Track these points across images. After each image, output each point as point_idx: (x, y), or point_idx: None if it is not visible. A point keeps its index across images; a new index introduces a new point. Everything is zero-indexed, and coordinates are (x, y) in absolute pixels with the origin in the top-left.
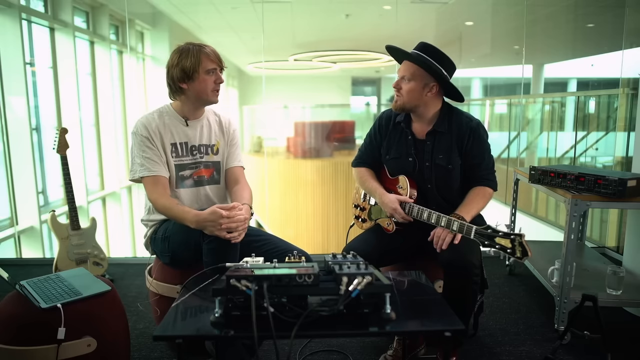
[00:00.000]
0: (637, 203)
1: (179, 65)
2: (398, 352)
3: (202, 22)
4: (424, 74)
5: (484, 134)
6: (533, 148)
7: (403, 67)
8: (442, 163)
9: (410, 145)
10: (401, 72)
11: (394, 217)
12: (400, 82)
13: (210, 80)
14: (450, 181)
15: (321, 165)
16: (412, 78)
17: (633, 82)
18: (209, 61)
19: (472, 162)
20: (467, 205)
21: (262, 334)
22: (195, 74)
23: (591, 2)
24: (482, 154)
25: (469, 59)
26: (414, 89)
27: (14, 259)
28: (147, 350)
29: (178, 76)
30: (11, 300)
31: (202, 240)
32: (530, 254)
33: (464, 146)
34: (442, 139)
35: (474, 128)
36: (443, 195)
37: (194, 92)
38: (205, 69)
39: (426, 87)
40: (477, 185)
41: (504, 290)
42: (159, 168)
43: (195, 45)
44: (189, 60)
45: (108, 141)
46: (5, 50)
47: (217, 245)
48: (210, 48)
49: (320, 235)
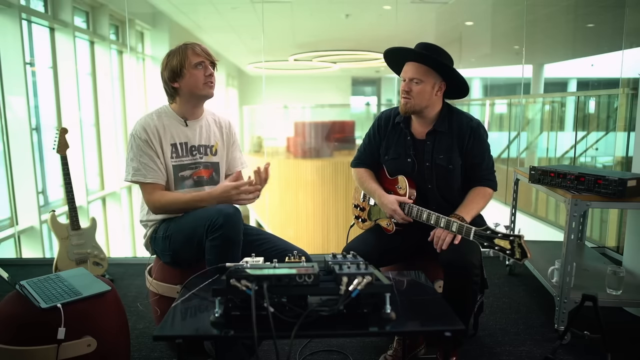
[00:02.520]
0: (637, 203)
1: (167, 66)
2: (398, 352)
3: (202, 22)
4: (434, 74)
5: (484, 134)
6: (533, 148)
7: (412, 69)
8: (442, 163)
9: (409, 145)
10: (410, 73)
11: (394, 218)
12: (410, 85)
13: (200, 73)
14: (451, 181)
15: (321, 165)
16: (424, 79)
17: (633, 82)
18: (194, 55)
19: (473, 161)
20: (467, 205)
21: (262, 334)
22: (184, 70)
23: (591, 2)
24: (483, 153)
25: (469, 59)
26: (425, 90)
27: (14, 259)
28: (147, 350)
29: (169, 77)
30: (11, 300)
31: (205, 237)
32: (529, 255)
33: (465, 146)
34: (443, 139)
35: (474, 128)
36: (443, 195)
37: (186, 89)
38: (192, 63)
39: (435, 87)
40: (477, 186)
41: (504, 290)
42: (154, 175)
43: (182, 44)
44: (175, 59)
45: (108, 141)
46: (5, 50)
47: (221, 242)
48: (197, 44)
49: (320, 235)
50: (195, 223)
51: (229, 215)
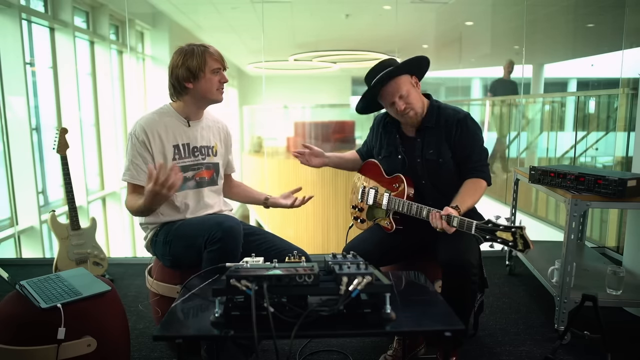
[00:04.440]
0: (637, 203)
1: (184, 65)
2: (398, 352)
3: (202, 22)
4: (402, 78)
5: (472, 126)
6: (533, 148)
7: (393, 88)
8: (432, 157)
9: (398, 143)
10: (395, 92)
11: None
12: (400, 103)
13: (215, 79)
14: (443, 175)
15: None
16: (402, 87)
17: (633, 82)
18: (213, 61)
19: (462, 153)
20: (460, 196)
21: (262, 334)
22: (201, 74)
23: (591, 2)
24: (472, 145)
25: (469, 59)
26: (411, 94)
27: (14, 259)
28: (147, 350)
29: (184, 76)
30: (11, 300)
31: (203, 248)
32: (532, 246)
33: (453, 138)
34: (431, 134)
35: (461, 119)
36: (439, 190)
37: (199, 92)
38: (211, 68)
39: (413, 85)
40: (469, 178)
41: (504, 290)
42: (141, 177)
43: (199, 46)
44: (195, 60)
45: (108, 141)
46: (5, 50)
47: (219, 255)
48: (213, 48)
49: (320, 235)
50: (195, 232)
51: (229, 229)
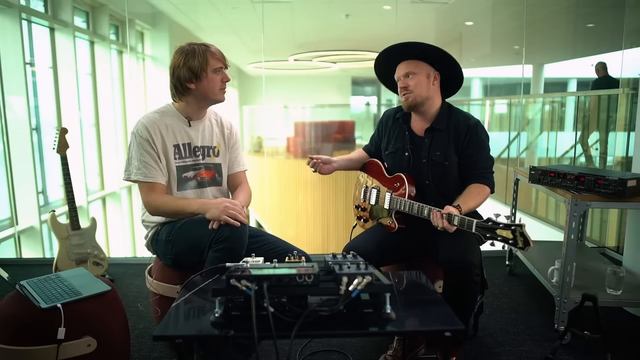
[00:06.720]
0: (637, 203)
1: (186, 65)
2: (398, 352)
3: (202, 22)
4: (424, 64)
5: (481, 133)
6: (533, 148)
7: (402, 67)
8: (438, 160)
9: (407, 140)
10: (402, 70)
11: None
12: (406, 81)
13: (218, 79)
14: (448, 178)
15: None
16: (416, 71)
17: (633, 82)
18: (215, 60)
19: (468, 159)
20: (462, 197)
21: (262, 334)
22: (203, 73)
23: (591, 2)
24: (479, 152)
25: (469, 59)
26: (421, 80)
27: (14, 259)
28: (147, 350)
29: (185, 76)
30: (11, 300)
31: (208, 247)
32: (532, 243)
33: (461, 143)
34: (440, 136)
35: (471, 126)
36: (441, 191)
37: (202, 91)
38: (213, 67)
39: (430, 77)
40: (473, 183)
41: (504, 290)
42: (155, 174)
43: (200, 45)
44: (196, 60)
45: (108, 141)
46: (5, 50)
47: (225, 254)
48: (214, 47)
49: (320, 235)
50: (200, 232)
51: (235, 228)
